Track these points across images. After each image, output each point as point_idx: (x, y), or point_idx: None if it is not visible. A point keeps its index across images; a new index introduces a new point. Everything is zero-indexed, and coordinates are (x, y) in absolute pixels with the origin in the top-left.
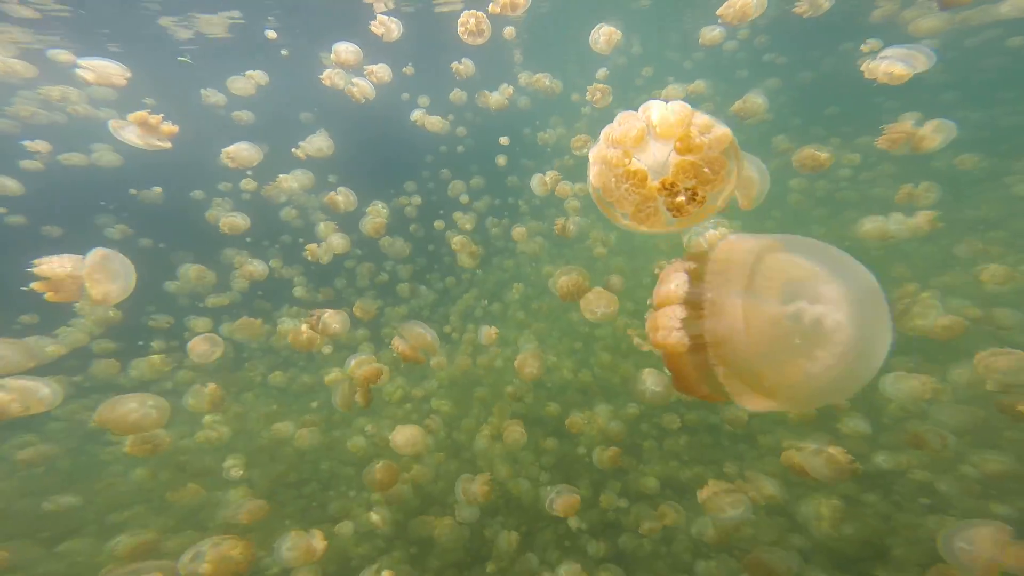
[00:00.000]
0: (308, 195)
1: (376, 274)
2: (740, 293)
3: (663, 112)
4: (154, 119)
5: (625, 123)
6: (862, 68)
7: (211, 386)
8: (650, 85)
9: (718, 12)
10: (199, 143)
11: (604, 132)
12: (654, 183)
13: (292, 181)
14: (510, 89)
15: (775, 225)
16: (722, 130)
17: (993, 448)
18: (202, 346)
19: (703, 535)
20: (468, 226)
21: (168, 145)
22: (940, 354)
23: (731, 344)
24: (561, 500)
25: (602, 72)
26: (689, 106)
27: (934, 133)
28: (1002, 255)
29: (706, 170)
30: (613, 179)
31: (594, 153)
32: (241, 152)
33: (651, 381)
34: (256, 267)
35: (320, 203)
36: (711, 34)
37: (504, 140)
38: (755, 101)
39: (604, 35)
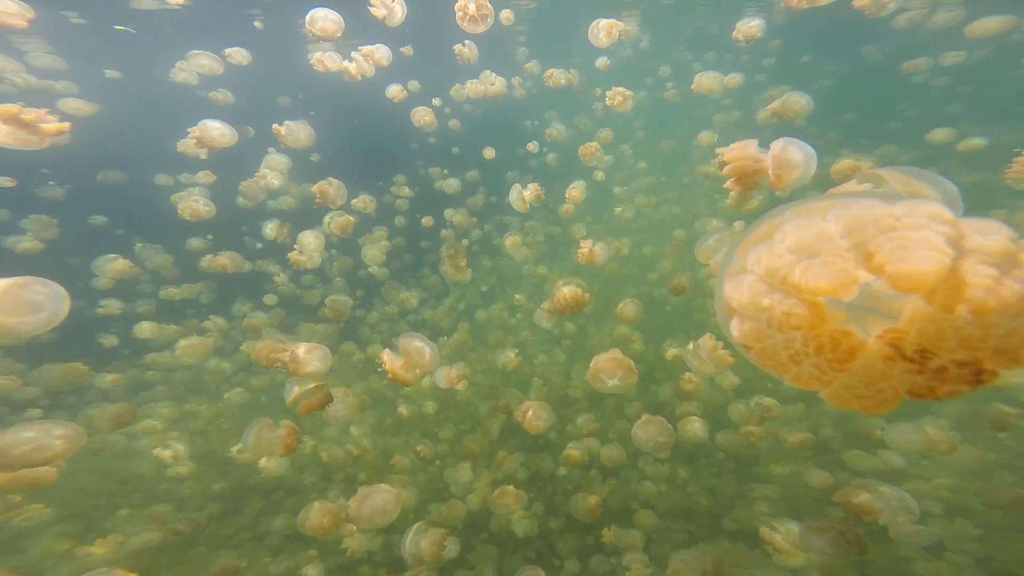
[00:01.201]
0: (291, 183)
1: (354, 270)
2: None
3: (912, 260)
4: (29, 115)
5: (822, 258)
6: None
7: (117, 406)
8: (659, 85)
9: None
10: (166, 122)
11: (767, 266)
12: (873, 343)
13: (273, 177)
14: (493, 76)
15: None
16: None
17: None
18: None
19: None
20: (462, 223)
21: (46, 143)
22: None
23: None
24: None
25: (601, 61)
26: (952, 220)
27: None
28: None
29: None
30: (784, 351)
31: (742, 297)
32: (210, 132)
33: (654, 431)
34: (226, 260)
35: (303, 192)
36: (747, 27)
37: (532, 146)
38: (797, 100)
39: (604, 28)
